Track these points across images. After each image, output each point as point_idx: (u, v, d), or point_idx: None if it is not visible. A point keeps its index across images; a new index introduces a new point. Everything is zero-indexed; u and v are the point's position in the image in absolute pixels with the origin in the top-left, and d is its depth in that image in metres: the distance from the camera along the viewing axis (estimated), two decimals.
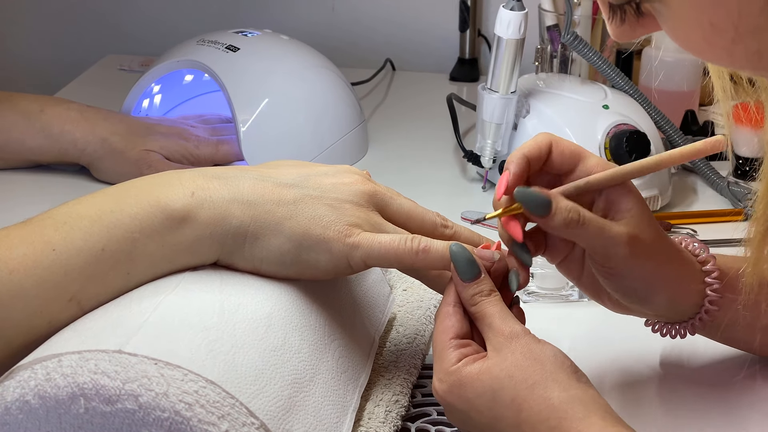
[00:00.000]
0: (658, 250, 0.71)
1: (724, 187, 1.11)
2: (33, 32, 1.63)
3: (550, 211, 0.68)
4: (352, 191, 0.71)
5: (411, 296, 0.85)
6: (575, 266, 0.74)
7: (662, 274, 0.72)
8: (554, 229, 0.69)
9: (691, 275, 0.73)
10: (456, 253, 0.68)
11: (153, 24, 1.59)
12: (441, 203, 0.86)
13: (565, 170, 0.72)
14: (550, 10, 1.16)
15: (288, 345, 0.65)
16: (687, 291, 0.74)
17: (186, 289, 0.65)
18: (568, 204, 0.68)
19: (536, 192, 0.68)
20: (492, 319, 0.66)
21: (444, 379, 0.65)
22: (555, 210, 0.68)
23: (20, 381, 0.58)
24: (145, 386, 0.56)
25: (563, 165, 0.72)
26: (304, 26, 1.52)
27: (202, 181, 0.68)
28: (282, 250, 0.68)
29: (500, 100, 1.08)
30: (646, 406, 0.77)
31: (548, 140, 0.72)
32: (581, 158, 0.72)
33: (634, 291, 0.72)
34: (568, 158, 0.72)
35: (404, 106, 1.40)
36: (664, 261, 0.72)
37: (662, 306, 0.74)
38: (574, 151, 0.72)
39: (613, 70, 1.12)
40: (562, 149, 0.72)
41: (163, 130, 1.12)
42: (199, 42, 1.15)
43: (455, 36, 1.52)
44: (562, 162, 0.72)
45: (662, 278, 0.72)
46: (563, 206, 0.68)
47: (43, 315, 0.63)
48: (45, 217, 0.65)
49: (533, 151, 0.71)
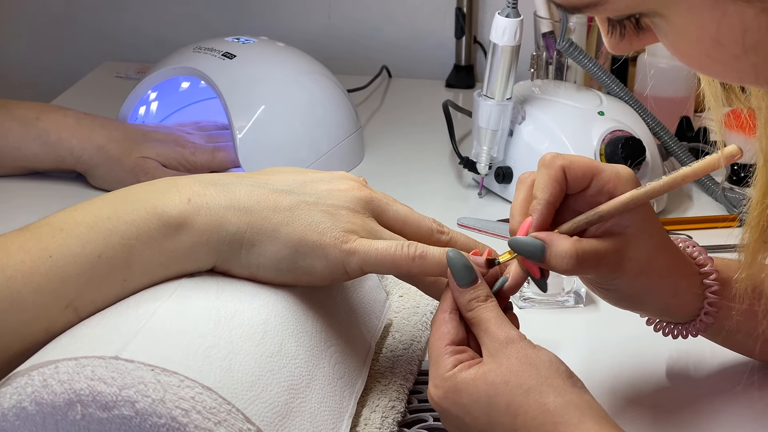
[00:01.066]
0: (655, 265, 0.71)
1: (719, 193, 1.11)
2: (30, 39, 1.63)
3: (545, 256, 0.68)
4: (348, 197, 0.71)
5: (407, 302, 0.85)
6: None
7: (657, 286, 0.72)
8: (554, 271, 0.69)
9: (690, 281, 0.74)
10: (453, 258, 0.68)
11: (149, 31, 1.59)
12: (437, 210, 0.87)
13: (580, 189, 0.71)
14: (546, 17, 1.16)
15: (284, 351, 0.65)
16: (683, 298, 0.74)
17: (182, 296, 0.65)
18: (563, 249, 0.68)
19: (529, 241, 0.68)
20: (488, 324, 0.66)
21: (440, 385, 0.65)
22: (549, 256, 0.68)
23: (17, 387, 0.58)
24: (142, 392, 0.57)
25: (578, 186, 0.71)
26: (301, 33, 1.52)
27: (198, 187, 0.68)
28: (278, 257, 0.68)
29: (496, 107, 1.09)
30: (641, 411, 0.77)
31: (561, 170, 0.70)
32: (594, 174, 0.71)
33: (626, 302, 0.74)
34: (581, 179, 0.71)
35: (400, 112, 1.40)
36: (661, 275, 0.72)
37: (659, 312, 0.75)
38: (586, 170, 0.71)
39: (608, 77, 1.12)
40: (575, 173, 0.70)
41: (159, 137, 1.12)
42: (195, 49, 1.16)
43: (451, 43, 1.53)
44: (576, 184, 0.71)
45: (657, 290, 0.73)
46: (558, 252, 0.68)
47: (40, 322, 0.63)
48: (42, 224, 0.66)
49: (555, 192, 0.70)
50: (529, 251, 0.68)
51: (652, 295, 0.73)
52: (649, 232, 0.71)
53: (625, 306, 0.74)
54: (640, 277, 0.71)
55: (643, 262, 0.70)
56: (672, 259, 0.73)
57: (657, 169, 1.09)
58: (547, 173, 0.70)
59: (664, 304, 0.74)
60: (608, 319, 0.87)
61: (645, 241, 0.70)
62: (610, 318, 0.88)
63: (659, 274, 0.72)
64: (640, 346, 0.82)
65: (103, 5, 1.60)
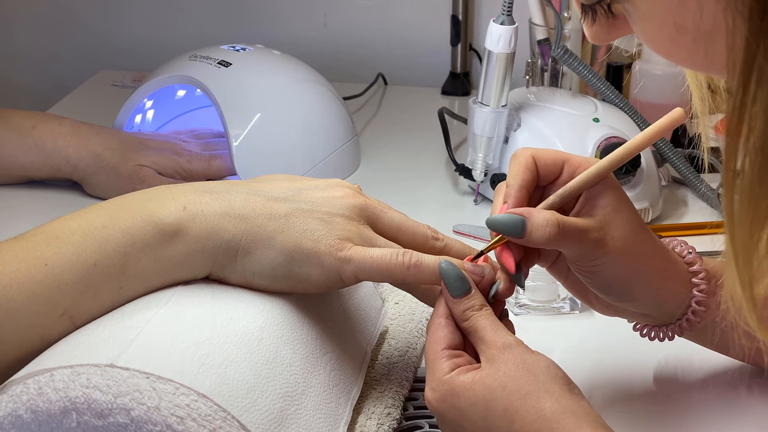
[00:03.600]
0: (637, 246, 0.72)
1: (714, 199, 1.11)
2: (25, 48, 1.63)
3: (526, 230, 0.68)
4: (343, 205, 0.71)
5: (403, 309, 0.85)
6: (563, 266, 0.75)
7: (642, 269, 0.72)
8: (537, 245, 0.70)
9: (676, 274, 0.73)
10: (446, 270, 0.68)
11: (145, 39, 1.59)
12: (433, 217, 0.87)
13: (552, 179, 0.73)
14: (541, 25, 1.17)
15: (280, 358, 0.65)
16: (671, 289, 0.73)
17: (178, 304, 0.65)
18: (543, 217, 0.68)
19: (507, 216, 0.69)
20: (484, 331, 0.66)
21: (437, 389, 0.65)
22: (530, 228, 0.68)
23: (12, 396, 0.58)
24: (137, 400, 0.57)
25: (549, 175, 0.73)
26: (296, 41, 1.52)
27: (193, 195, 0.69)
28: (274, 264, 0.68)
29: (491, 114, 1.09)
30: (637, 418, 0.77)
31: (531, 158, 0.72)
32: (564, 162, 0.73)
33: (613, 287, 0.72)
34: (551, 167, 0.72)
35: (396, 120, 1.40)
36: (644, 257, 0.72)
37: (647, 304, 0.74)
38: (556, 159, 0.72)
39: (603, 84, 1.12)
40: (545, 161, 0.72)
41: (155, 145, 1.12)
42: (191, 57, 1.16)
43: (446, 50, 1.53)
44: (548, 173, 0.72)
45: (642, 274, 0.72)
46: (539, 222, 0.68)
47: (36, 330, 0.63)
48: (37, 233, 0.66)
49: (527, 177, 0.71)
50: (509, 227, 0.68)
51: (639, 278, 0.72)
52: (627, 213, 0.72)
53: (615, 298, 0.73)
54: (626, 256, 0.71)
55: (625, 240, 0.71)
56: (655, 244, 0.73)
57: (652, 175, 1.09)
58: (517, 162, 0.72)
59: (653, 293, 0.73)
60: (603, 325, 0.87)
61: (624, 220, 0.71)
62: (605, 324, 0.88)
63: (644, 255, 0.72)
64: (635, 352, 0.82)
65: (98, 14, 1.60)
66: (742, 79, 0.51)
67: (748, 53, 0.51)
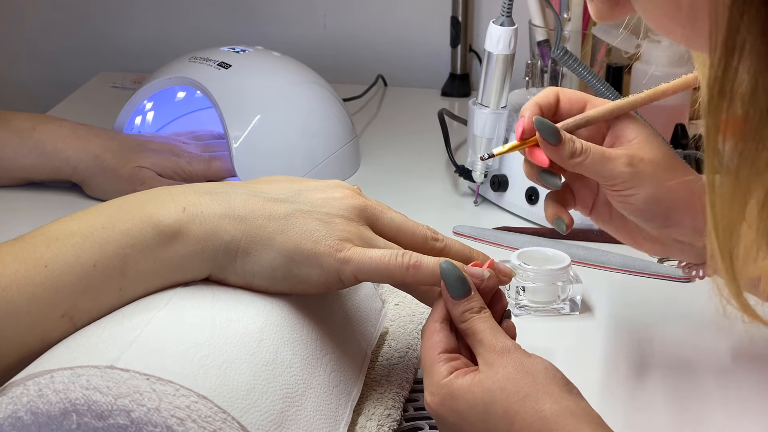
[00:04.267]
0: (669, 168, 0.75)
1: None
2: (25, 50, 1.63)
3: (560, 138, 0.73)
4: (342, 206, 0.71)
5: (403, 310, 0.85)
6: (604, 210, 0.78)
7: (677, 190, 0.74)
8: (563, 160, 0.74)
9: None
10: (446, 270, 0.68)
11: (145, 41, 1.60)
12: (433, 218, 0.87)
13: (573, 114, 0.77)
14: (541, 26, 1.17)
15: (280, 359, 0.65)
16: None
17: (178, 305, 0.65)
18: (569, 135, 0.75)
19: (549, 122, 0.75)
20: (483, 335, 0.66)
21: (436, 392, 0.65)
22: (564, 139, 0.73)
23: (12, 397, 0.58)
24: (137, 401, 0.57)
25: (572, 110, 0.78)
26: (296, 43, 1.52)
27: (193, 196, 0.69)
28: (273, 265, 0.68)
29: (491, 115, 1.09)
30: (637, 417, 0.77)
31: (555, 90, 0.78)
32: (587, 101, 0.78)
33: (652, 210, 0.75)
34: (575, 103, 0.78)
35: (396, 121, 1.40)
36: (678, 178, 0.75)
37: (690, 230, 0.75)
38: (580, 97, 0.78)
39: (603, 85, 1.12)
40: (569, 96, 0.78)
41: (155, 146, 1.12)
42: (191, 59, 1.16)
43: (446, 51, 1.53)
44: (571, 107, 0.78)
45: (677, 194, 0.75)
46: (568, 137, 0.74)
47: (36, 331, 0.63)
48: (37, 234, 0.66)
49: (543, 99, 0.77)
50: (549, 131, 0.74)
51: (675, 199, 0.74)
52: (657, 143, 0.75)
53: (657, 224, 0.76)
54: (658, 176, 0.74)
55: (656, 164, 0.74)
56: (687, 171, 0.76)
57: None
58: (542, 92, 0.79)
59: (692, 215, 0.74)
60: (603, 326, 0.87)
61: (654, 148, 0.75)
62: (605, 325, 0.88)
63: (677, 176, 0.75)
64: (635, 353, 0.82)
65: (98, 16, 1.60)
66: (724, 51, 0.51)
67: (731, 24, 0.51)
